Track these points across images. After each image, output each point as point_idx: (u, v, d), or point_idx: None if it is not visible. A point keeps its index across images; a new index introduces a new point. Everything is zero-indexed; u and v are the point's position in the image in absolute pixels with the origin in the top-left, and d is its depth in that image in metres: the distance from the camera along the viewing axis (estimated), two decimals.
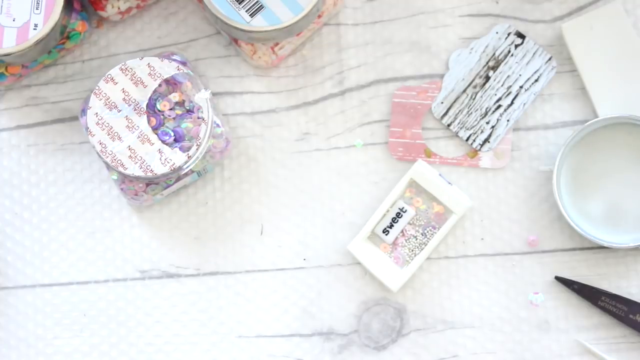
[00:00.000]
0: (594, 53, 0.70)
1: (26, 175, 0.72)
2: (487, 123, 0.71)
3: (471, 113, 0.71)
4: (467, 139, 0.71)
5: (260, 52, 0.70)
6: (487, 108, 0.71)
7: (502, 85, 0.71)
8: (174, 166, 0.66)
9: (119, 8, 0.70)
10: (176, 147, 0.66)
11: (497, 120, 0.71)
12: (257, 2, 0.67)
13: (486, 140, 0.71)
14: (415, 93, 0.71)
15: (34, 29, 0.67)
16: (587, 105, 0.71)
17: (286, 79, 0.72)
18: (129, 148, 0.66)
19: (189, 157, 0.66)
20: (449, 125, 0.71)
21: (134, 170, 0.66)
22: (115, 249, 0.71)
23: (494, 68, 0.71)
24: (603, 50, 0.70)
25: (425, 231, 0.69)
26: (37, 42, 0.67)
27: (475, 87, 0.71)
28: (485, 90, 0.71)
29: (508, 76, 0.71)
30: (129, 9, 0.71)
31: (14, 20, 0.67)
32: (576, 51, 0.70)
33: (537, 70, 0.71)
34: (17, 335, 0.70)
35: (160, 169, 0.66)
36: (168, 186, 0.68)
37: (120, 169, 0.66)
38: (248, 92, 0.72)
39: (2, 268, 0.71)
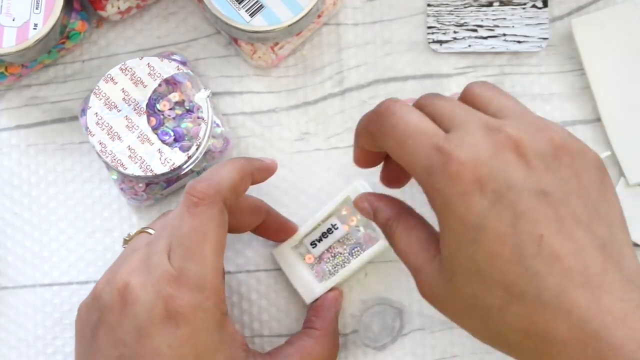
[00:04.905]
0: (602, 51, 0.70)
1: (26, 175, 0.72)
2: None
3: None
4: None
5: (260, 52, 0.70)
6: None
7: None
8: (173, 166, 0.66)
9: (118, 8, 0.70)
10: (176, 147, 0.66)
11: None
12: (257, 1, 0.67)
13: None
14: None
15: (34, 28, 0.67)
16: (587, 105, 0.71)
17: (286, 78, 0.72)
18: (129, 148, 0.66)
19: (189, 157, 0.66)
20: None
21: (133, 170, 0.66)
22: (115, 249, 0.71)
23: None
24: (612, 49, 0.70)
25: (353, 251, 0.68)
26: (37, 42, 0.67)
27: None
28: None
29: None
30: (128, 9, 0.71)
31: (13, 20, 0.67)
32: (584, 48, 0.70)
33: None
34: (17, 335, 0.70)
35: (160, 169, 0.66)
36: (168, 186, 0.69)
37: (120, 168, 0.66)
38: (248, 92, 0.72)
39: (2, 268, 0.71)
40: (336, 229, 0.68)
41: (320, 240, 0.68)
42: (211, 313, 0.57)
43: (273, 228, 0.68)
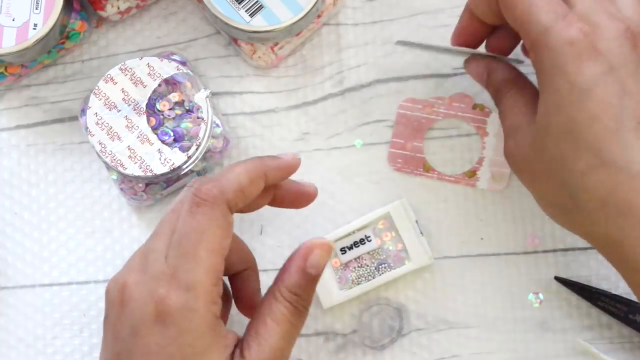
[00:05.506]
0: None
1: (26, 175, 0.72)
2: None
3: None
4: None
5: (260, 52, 0.70)
6: None
7: None
8: (173, 166, 0.66)
9: (118, 8, 0.70)
10: (176, 147, 0.66)
11: None
12: (256, 2, 0.67)
13: None
14: (421, 107, 0.71)
15: (34, 28, 0.67)
16: None
17: (286, 79, 0.72)
18: (129, 148, 0.66)
19: (189, 157, 0.66)
20: None
21: (133, 170, 0.66)
22: (115, 248, 0.71)
23: None
24: None
25: (380, 266, 0.68)
26: (37, 42, 0.67)
27: None
28: None
29: None
30: (128, 9, 0.71)
31: (13, 20, 0.67)
32: None
33: None
34: (17, 335, 0.70)
35: (159, 169, 0.66)
36: (167, 186, 0.69)
37: (120, 168, 0.66)
38: (248, 92, 0.72)
39: (2, 268, 0.71)
40: (369, 240, 0.68)
41: (350, 248, 0.68)
42: (200, 314, 0.57)
43: (289, 199, 0.65)
